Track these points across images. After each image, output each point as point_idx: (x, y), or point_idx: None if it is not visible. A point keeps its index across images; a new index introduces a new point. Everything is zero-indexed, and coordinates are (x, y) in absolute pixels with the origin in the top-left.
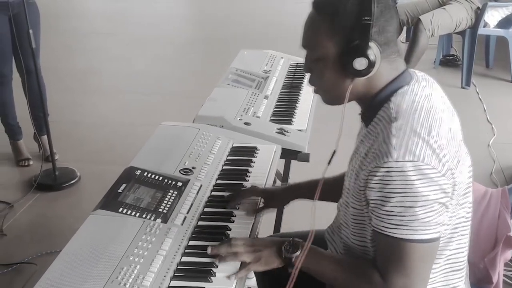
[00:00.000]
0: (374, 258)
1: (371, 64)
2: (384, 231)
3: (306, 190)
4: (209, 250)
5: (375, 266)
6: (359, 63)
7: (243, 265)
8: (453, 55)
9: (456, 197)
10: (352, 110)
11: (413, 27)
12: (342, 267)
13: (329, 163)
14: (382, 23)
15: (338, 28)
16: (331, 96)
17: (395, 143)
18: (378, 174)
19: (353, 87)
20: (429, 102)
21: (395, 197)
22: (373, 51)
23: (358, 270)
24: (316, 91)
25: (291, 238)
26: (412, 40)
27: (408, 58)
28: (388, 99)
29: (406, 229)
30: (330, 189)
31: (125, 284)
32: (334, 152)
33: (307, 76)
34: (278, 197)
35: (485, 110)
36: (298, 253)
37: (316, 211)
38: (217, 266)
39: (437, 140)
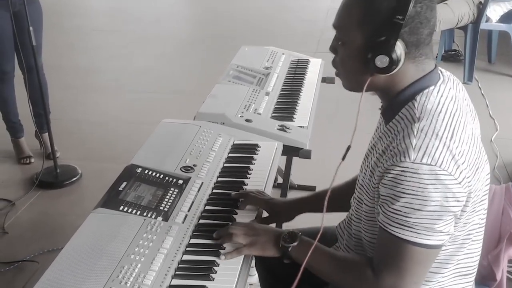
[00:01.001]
0: (369, 256)
1: (393, 63)
2: (387, 228)
3: (312, 204)
4: (214, 234)
5: (368, 263)
6: (381, 61)
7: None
8: (455, 50)
9: (471, 205)
10: (365, 104)
11: None
12: (335, 261)
13: (343, 158)
14: (416, 24)
15: (370, 19)
16: (349, 83)
17: (415, 144)
18: (393, 172)
19: (373, 81)
20: (454, 105)
21: (405, 197)
22: (398, 51)
23: (350, 264)
24: (337, 74)
25: (290, 230)
26: None
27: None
28: (412, 98)
29: (410, 231)
30: (338, 199)
31: (126, 283)
32: (349, 147)
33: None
34: (283, 212)
35: (487, 106)
36: (295, 244)
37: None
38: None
39: (458, 145)
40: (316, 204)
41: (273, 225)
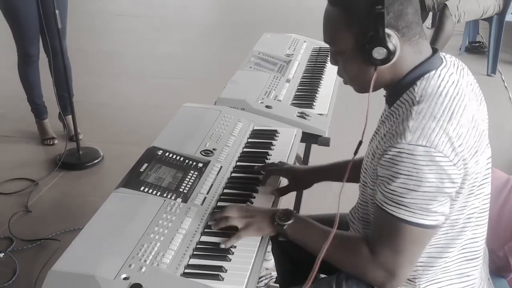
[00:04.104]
0: (365, 234)
1: (391, 52)
2: (384, 206)
3: (331, 173)
4: (209, 221)
5: (365, 240)
6: (378, 53)
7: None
8: (479, 42)
9: (467, 187)
10: (375, 94)
11: (439, 13)
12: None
13: (355, 153)
14: (397, 7)
15: (353, 19)
16: (359, 85)
17: (412, 125)
18: (390, 153)
19: (378, 75)
20: (455, 89)
21: (401, 178)
22: (392, 38)
23: (346, 241)
24: (345, 82)
25: (284, 208)
26: (438, 26)
27: (433, 44)
28: (413, 83)
29: (405, 210)
30: (355, 171)
31: (145, 261)
32: (360, 142)
33: (335, 68)
34: (303, 178)
35: (510, 98)
36: (290, 221)
37: (337, 196)
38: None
39: (456, 128)
40: (334, 173)
41: (292, 197)
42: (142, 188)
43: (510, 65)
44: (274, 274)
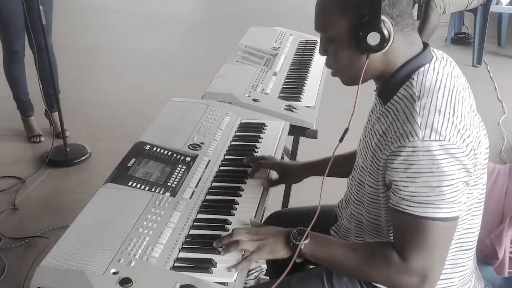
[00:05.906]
0: (388, 241)
1: (385, 39)
2: (406, 209)
3: (320, 168)
4: (214, 243)
5: (392, 247)
6: (372, 38)
7: (245, 255)
8: (464, 33)
9: (474, 178)
10: (363, 86)
11: (425, 5)
12: (355, 250)
13: (341, 140)
14: None
15: (348, 5)
16: (349, 76)
17: (420, 122)
18: (403, 154)
19: (370, 64)
20: (450, 81)
21: (421, 177)
22: (386, 25)
23: (373, 251)
24: (334, 74)
25: (298, 227)
26: (423, 17)
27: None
28: (409, 77)
29: (432, 207)
30: (342, 165)
31: (134, 255)
32: (347, 130)
33: (324, 59)
34: (293, 173)
35: (496, 89)
36: (307, 240)
37: (326, 187)
38: (219, 253)
39: (461, 120)
40: (323, 168)
41: (281, 189)
42: (130, 183)
43: (495, 56)
44: (264, 266)
